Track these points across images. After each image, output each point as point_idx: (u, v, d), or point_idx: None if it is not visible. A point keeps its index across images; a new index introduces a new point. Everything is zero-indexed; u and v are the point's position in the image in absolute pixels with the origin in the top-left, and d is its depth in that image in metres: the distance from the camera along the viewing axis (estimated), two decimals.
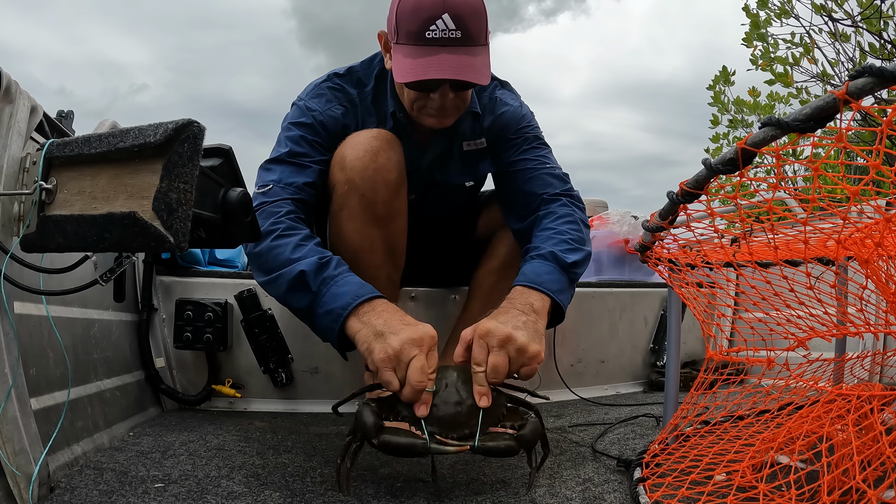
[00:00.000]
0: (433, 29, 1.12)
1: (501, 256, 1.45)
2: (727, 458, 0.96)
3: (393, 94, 1.30)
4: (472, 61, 1.14)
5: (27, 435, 0.85)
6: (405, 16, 1.14)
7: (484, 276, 1.47)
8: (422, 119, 1.26)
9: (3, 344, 0.83)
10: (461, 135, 1.37)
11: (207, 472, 1.03)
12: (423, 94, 1.20)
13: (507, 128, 1.37)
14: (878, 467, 0.74)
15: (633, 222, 2.42)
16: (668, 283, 1.17)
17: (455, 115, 1.27)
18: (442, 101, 1.20)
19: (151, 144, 0.76)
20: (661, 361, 2.02)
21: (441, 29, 1.12)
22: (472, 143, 1.38)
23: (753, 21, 3.85)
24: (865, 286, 0.87)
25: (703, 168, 0.76)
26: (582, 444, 1.26)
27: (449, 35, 1.12)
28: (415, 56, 1.14)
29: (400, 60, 1.16)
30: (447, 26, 1.12)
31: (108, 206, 0.78)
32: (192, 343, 1.49)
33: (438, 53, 1.13)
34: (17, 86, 0.89)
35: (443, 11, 1.12)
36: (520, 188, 1.34)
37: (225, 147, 0.92)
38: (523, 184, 1.33)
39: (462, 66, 1.13)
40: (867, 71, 0.56)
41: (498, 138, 1.38)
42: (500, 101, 1.38)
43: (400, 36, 1.16)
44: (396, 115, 1.31)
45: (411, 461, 1.10)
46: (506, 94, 1.41)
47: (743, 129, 4.50)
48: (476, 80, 1.15)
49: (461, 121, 1.34)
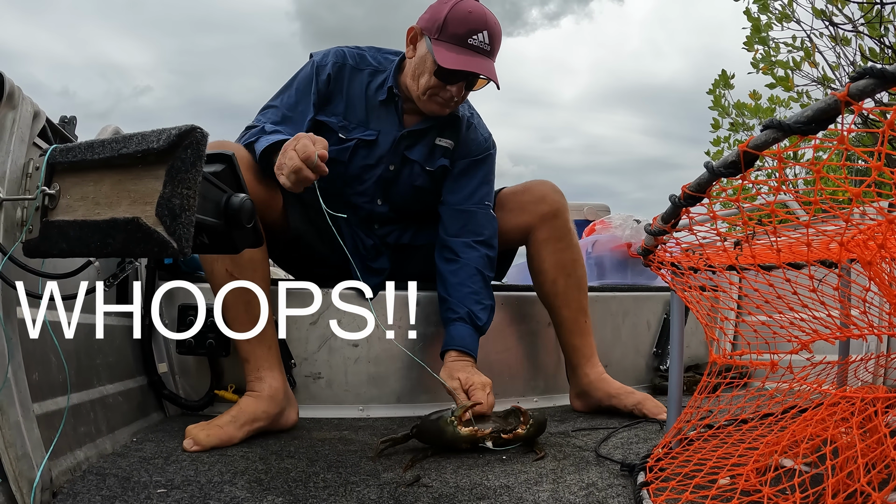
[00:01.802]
0: (475, 38, 1.45)
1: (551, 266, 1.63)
2: (731, 461, 0.96)
3: (395, 77, 1.56)
4: (493, 68, 1.49)
5: (29, 440, 0.85)
6: (455, 21, 1.45)
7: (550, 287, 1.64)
8: (428, 105, 1.52)
9: (5, 348, 0.83)
10: (438, 129, 1.60)
11: (210, 477, 1.03)
12: (441, 85, 1.47)
13: (472, 151, 1.65)
14: (882, 470, 0.74)
15: (636, 226, 2.42)
16: (670, 286, 1.16)
17: (453, 108, 1.56)
18: (456, 93, 1.49)
19: (154, 150, 0.76)
20: (665, 365, 2.02)
21: (479, 41, 1.45)
22: (444, 141, 1.62)
23: (755, 25, 3.85)
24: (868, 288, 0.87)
25: (705, 171, 0.76)
26: (585, 449, 1.25)
27: (483, 46, 1.46)
28: (458, 53, 1.44)
29: (444, 52, 1.44)
30: (484, 40, 1.46)
31: (111, 212, 0.79)
32: (195, 348, 1.49)
33: (475, 57, 1.46)
34: (20, 91, 0.89)
35: (485, 28, 1.45)
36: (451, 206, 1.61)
37: (227, 153, 0.93)
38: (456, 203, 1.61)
39: (488, 69, 1.47)
40: (868, 73, 0.56)
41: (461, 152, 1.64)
42: (474, 128, 1.67)
43: (443, 34, 1.45)
44: (393, 91, 1.55)
45: (413, 469, 1.11)
46: (481, 124, 1.70)
47: (744, 133, 4.49)
48: (497, 82, 1.49)
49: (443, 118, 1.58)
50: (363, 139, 1.55)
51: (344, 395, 1.61)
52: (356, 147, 1.55)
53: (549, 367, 1.83)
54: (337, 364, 1.61)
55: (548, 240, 1.63)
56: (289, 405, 1.41)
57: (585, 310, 1.65)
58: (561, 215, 1.63)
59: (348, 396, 1.62)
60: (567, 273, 1.62)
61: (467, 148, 1.64)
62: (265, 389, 1.35)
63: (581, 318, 1.64)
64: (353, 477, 1.05)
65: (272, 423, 1.35)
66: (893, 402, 0.83)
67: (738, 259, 1.06)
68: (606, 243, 2.43)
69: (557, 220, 1.63)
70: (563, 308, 1.63)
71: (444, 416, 1.18)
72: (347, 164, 1.55)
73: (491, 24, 1.46)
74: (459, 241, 1.57)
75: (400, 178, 1.60)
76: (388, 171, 1.58)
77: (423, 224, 1.70)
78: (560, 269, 1.62)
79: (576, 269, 1.64)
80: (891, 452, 0.68)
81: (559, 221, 1.63)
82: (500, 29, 1.49)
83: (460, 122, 1.63)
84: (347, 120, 1.55)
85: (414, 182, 1.61)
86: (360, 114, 1.55)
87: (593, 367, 1.62)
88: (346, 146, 1.54)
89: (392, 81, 1.55)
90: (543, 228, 1.63)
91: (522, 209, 1.65)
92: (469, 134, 1.65)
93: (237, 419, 1.28)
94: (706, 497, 0.84)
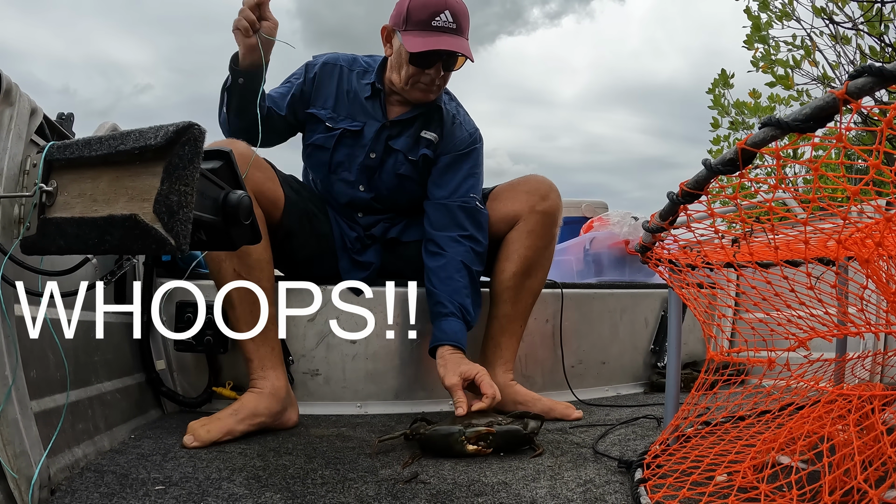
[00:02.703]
0: (438, 20, 1.50)
1: (522, 259, 1.60)
2: (728, 458, 0.96)
3: (379, 73, 1.63)
4: (464, 44, 1.53)
5: (28, 437, 0.85)
6: (416, 8, 1.50)
7: (509, 278, 1.60)
8: (413, 93, 1.59)
9: (4, 346, 0.83)
10: (423, 121, 1.65)
11: (208, 474, 1.03)
12: (419, 71, 1.54)
13: (457, 145, 1.67)
14: (879, 467, 0.74)
15: (634, 223, 2.42)
16: (668, 283, 1.16)
17: (437, 92, 1.61)
18: (434, 76, 1.55)
19: (152, 147, 0.76)
20: (662, 362, 2.02)
21: (443, 21, 1.50)
22: (429, 133, 1.66)
23: (755, 23, 3.85)
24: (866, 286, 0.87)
25: (704, 168, 0.76)
26: (583, 446, 1.26)
27: (448, 25, 1.51)
28: (424, 37, 1.50)
29: (411, 39, 1.50)
30: (447, 19, 1.50)
31: (108, 209, 0.78)
32: (193, 346, 1.49)
33: (441, 36, 1.50)
34: (18, 88, 0.89)
35: (445, 8, 1.50)
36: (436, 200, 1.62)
37: (225, 150, 0.93)
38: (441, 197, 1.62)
39: (459, 45, 1.52)
40: (867, 71, 0.56)
41: (446, 146, 1.66)
42: (459, 124, 1.69)
43: (409, 24, 1.51)
44: (375, 85, 1.63)
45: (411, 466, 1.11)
46: (466, 119, 1.72)
47: (744, 131, 4.49)
48: (468, 55, 1.53)
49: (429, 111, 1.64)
50: (349, 129, 1.62)
51: (342, 391, 1.61)
52: (341, 136, 1.61)
53: (546, 364, 1.84)
54: (335, 361, 1.61)
55: (530, 232, 1.60)
56: (290, 405, 1.41)
57: (527, 317, 1.63)
58: (552, 215, 1.62)
59: (346, 393, 1.62)
60: (530, 274, 1.61)
61: (452, 142, 1.66)
62: (267, 387, 1.36)
63: (519, 322, 1.62)
64: (351, 473, 1.05)
65: (273, 421, 1.35)
66: (890, 399, 0.83)
67: (735, 256, 1.06)
68: (604, 240, 2.43)
69: (547, 218, 1.60)
70: (509, 303, 1.60)
71: (455, 435, 1.17)
72: (332, 151, 1.62)
73: (452, 3, 1.50)
74: (444, 234, 1.58)
75: (384, 166, 1.63)
76: (370, 159, 1.62)
77: (412, 220, 1.71)
78: (526, 267, 1.60)
79: (538, 272, 1.62)
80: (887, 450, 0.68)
81: (548, 220, 1.61)
82: (465, 6, 1.54)
83: (445, 117, 1.66)
84: (336, 112, 1.63)
85: (397, 171, 1.63)
86: (347, 108, 1.64)
87: (505, 373, 1.58)
88: (332, 134, 1.62)
89: (374, 77, 1.63)
90: (531, 220, 1.60)
91: (517, 197, 1.64)
92: (454, 129, 1.67)
93: (238, 413, 1.29)
94: (703, 493, 0.84)
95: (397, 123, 1.63)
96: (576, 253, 2.53)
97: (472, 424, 1.20)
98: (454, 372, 1.37)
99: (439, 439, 1.18)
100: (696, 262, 1.10)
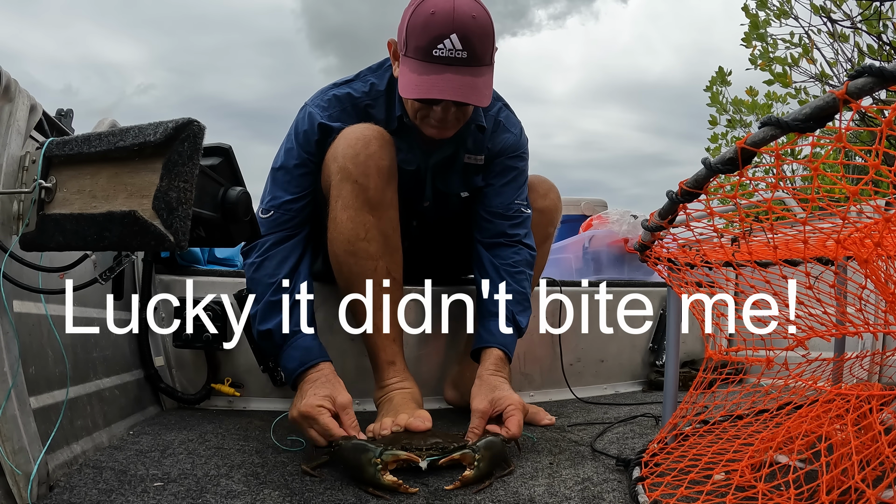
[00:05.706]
0: (440, 48, 1.15)
1: None
2: (726, 457, 0.96)
3: (400, 99, 1.33)
4: (475, 82, 1.18)
5: (26, 434, 0.85)
6: (415, 31, 1.17)
7: None
8: (424, 129, 1.30)
9: (3, 342, 0.83)
10: (464, 146, 1.41)
11: (206, 470, 1.03)
12: (425, 107, 1.25)
13: (503, 153, 1.45)
14: (876, 467, 0.74)
15: (633, 221, 2.43)
16: (667, 282, 1.17)
17: (455, 128, 1.31)
18: (444, 115, 1.25)
19: (151, 143, 0.76)
20: (661, 361, 2.02)
21: (448, 48, 1.15)
22: (473, 158, 1.43)
23: (753, 21, 3.85)
24: (864, 286, 0.87)
25: (703, 167, 0.76)
26: (581, 444, 1.26)
27: (455, 55, 1.16)
28: (420, 73, 1.17)
29: (406, 75, 1.20)
30: (454, 46, 1.15)
31: (107, 205, 0.78)
32: (192, 342, 1.49)
33: (443, 73, 1.16)
34: (17, 84, 0.89)
35: (451, 31, 1.15)
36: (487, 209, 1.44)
37: (225, 146, 0.92)
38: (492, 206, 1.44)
39: (464, 87, 1.17)
40: (867, 71, 0.56)
41: (494, 154, 1.45)
42: (503, 126, 1.45)
43: (408, 49, 1.20)
44: (403, 120, 1.34)
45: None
46: (510, 119, 1.48)
47: (741, 129, 4.50)
48: (477, 102, 1.20)
49: (466, 133, 1.39)
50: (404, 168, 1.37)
51: None
52: None
53: (544, 362, 1.84)
54: (333, 358, 1.61)
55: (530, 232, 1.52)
56: None
57: None
58: (549, 213, 1.58)
59: None
60: None
61: (499, 150, 1.46)
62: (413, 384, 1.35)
63: None
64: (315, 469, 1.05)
65: None
66: (888, 399, 0.83)
67: (734, 255, 1.06)
68: (603, 238, 2.44)
69: (543, 216, 1.56)
70: None
71: (370, 454, 0.96)
72: None
73: (461, 23, 1.15)
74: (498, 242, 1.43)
75: (436, 208, 1.49)
76: (424, 207, 1.47)
77: None
78: None
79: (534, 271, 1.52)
80: (885, 450, 0.69)
81: (544, 218, 1.57)
82: (483, 21, 1.18)
83: (485, 130, 1.43)
84: None
85: (452, 209, 1.50)
86: None
87: None
88: None
89: (399, 109, 1.34)
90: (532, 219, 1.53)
91: None
92: (499, 134, 1.45)
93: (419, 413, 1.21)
94: (701, 492, 0.85)
95: (440, 163, 1.42)
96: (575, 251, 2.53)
97: (406, 447, 1.01)
98: (486, 397, 1.20)
99: (351, 453, 0.98)
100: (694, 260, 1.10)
